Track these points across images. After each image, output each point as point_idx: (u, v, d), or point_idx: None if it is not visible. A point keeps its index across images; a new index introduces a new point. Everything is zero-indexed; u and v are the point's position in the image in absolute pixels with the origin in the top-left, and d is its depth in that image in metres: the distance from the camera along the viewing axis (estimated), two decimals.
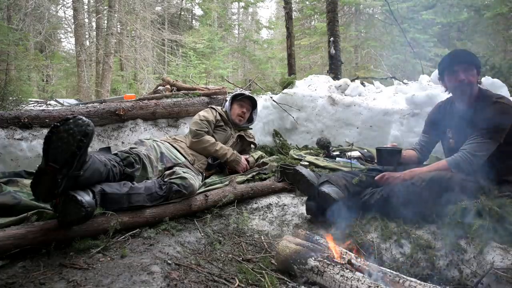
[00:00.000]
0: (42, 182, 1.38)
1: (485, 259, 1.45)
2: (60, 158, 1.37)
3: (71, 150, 1.38)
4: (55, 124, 1.39)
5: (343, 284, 1.29)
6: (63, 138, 1.37)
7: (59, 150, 1.37)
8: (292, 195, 2.27)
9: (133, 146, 2.06)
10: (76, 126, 1.39)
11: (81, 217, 1.38)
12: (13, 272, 1.23)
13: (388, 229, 1.73)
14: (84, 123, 1.41)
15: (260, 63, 17.41)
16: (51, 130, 1.38)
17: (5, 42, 5.56)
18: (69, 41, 16.59)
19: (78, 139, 1.38)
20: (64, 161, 1.37)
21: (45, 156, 1.37)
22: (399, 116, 3.28)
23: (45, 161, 1.37)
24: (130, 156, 1.87)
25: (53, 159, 1.36)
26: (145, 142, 2.16)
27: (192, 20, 19.96)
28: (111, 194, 1.59)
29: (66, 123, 1.39)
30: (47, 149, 1.37)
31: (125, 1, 11.68)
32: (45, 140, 1.38)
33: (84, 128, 1.40)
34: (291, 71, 6.75)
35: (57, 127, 1.38)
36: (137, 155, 1.92)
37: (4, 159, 2.30)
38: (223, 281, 1.39)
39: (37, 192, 1.42)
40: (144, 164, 1.93)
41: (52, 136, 1.37)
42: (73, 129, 1.38)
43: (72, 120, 1.40)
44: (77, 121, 1.40)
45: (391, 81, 5.10)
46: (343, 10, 12.90)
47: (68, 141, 1.37)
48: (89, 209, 1.38)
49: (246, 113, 2.83)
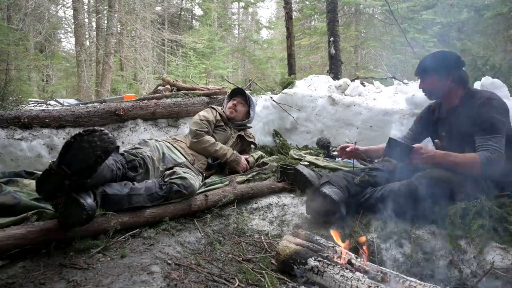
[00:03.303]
0: (49, 181, 1.38)
1: (485, 259, 1.45)
2: (75, 166, 1.36)
3: (87, 162, 1.38)
4: (80, 132, 1.38)
5: (343, 284, 1.29)
6: (84, 148, 1.37)
7: (76, 158, 1.36)
8: (292, 195, 2.27)
9: (137, 146, 2.04)
10: (100, 140, 1.39)
11: (82, 220, 1.38)
12: (13, 272, 1.23)
13: (388, 229, 1.73)
14: (109, 140, 1.41)
15: (260, 63, 17.41)
16: (75, 137, 1.37)
17: (5, 42, 5.56)
18: (69, 41, 16.61)
19: (97, 154, 1.38)
20: (77, 169, 1.37)
21: (60, 158, 1.37)
22: (399, 116, 3.28)
23: (59, 163, 1.36)
24: (135, 160, 1.85)
25: (67, 164, 1.36)
26: (149, 142, 2.15)
27: (192, 20, 19.96)
28: (112, 195, 1.59)
29: (91, 134, 1.38)
30: (64, 153, 1.36)
31: (125, 1, 11.69)
32: (65, 144, 1.37)
33: (107, 144, 1.40)
34: (291, 71, 6.75)
35: (82, 136, 1.37)
36: (143, 159, 1.91)
37: (4, 159, 2.30)
38: (223, 281, 1.39)
39: (40, 189, 1.42)
40: (147, 167, 1.93)
41: (74, 142, 1.37)
42: (96, 143, 1.38)
43: (98, 133, 1.39)
44: (102, 135, 1.40)
45: (391, 81, 5.10)
46: (343, 10, 12.90)
47: (88, 152, 1.37)
48: (91, 212, 1.38)
49: (238, 105, 2.82)
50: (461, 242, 1.54)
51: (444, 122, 1.99)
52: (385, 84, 4.56)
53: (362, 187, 1.96)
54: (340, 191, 1.88)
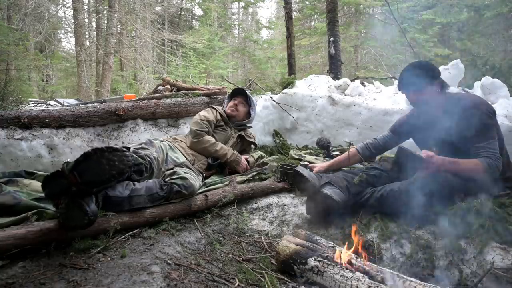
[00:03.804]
0: (57, 183, 1.39)
1: (485, 259, 1.45)
2: (87, 176, 1.37)
3: (100, 178, 1.39)
4: (103, 147, 1.39)
5: (343, 284, 1.29)
6: (101, 164, 1.37)
7: (90, 171, 1.37)
8: (292, 195, 2.27)
9: (145, 147, 2.02)
10: (119, 162, 1.40)
11: (83, 225, 1.38)
12: (13, 272, 1.23)
13: (388, 229, 1.73)
14: (128, 163, 1.42)
15: (260, 63, 17.41)
16: (95, 150, 1.38)
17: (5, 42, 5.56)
18: (69, 41, 16.60)
19: (113, 173, 1.39)
20: (87, 181, 1.38)
21: (75, 166, 1.37)
22: (399, 116, 3.26)
23: (72, 169, 1.37)
24: (142, 164, 1.81)
25: (79, 172, 1.36)
26: (154, 143, 2.13)
27: (192, 20, 19.96)
28: (114, 197, 1.59)
29: (113, 153, 1.39)
30: (81, 162, 1.37)
31: (125, 1, 11.69)
32: (84, 154, 1.38)
33: (124, 167, 1.41)
34: (291, 71, 6.75)
35: (103, 152, 1.38)
36: (150, 163, 1.87)
37: (4, 159, 2.30)
38: (223, 281, 1.39)
39: (46, 187, 1.42)
40: (152, 171, 1.91)
41: (93, 156, 1.37)
42: (115, 162, 1.39)
43: (119, 153, 1.40)
44: (122, 157, 1.41)
45: (391, 81, 5.10)
46: (343, 10, 12.90)
47: (104, 169, 1.37)
48: (92, 218, 1.39)
49: (239, 105, 2.83)
50: (461, 242, 1.54)
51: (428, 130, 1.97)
52: (385, 84, 4.56)
53: (362, 187, 1.96)
54: (341, 192, 1.89)
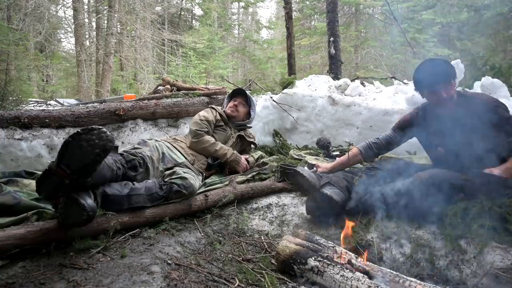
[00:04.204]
0: (49, 181, 1.38)
1: (485, 259, 1.45)
2: (73, 165, 1.36)
3: (86, 160, 1.37)
4: (78, 131, 1.38)
5: (343, 284, 1.29)
6: (82, 147, 1.36)
7: (75, 157, 1.36)
8: (292, 195, 2.27)
9: (137, 147, 2.04)
10: (98, 139, 1.38)
11: (82, 221, 1.38)
12: (13, 272, 1.23)
13: (388, 229, 1.73)
14: (107, 138, 1.40)
15: (260, 63, 17.41)
16: (73, 136, 1.37)
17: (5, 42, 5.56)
18: (69, 41, 16.60)
19: (96, 152, 1.38)
20: (76, 168, 1.36)
21: (59, 158, 1.36)
22: (399, 116, 3.27)
23: (58, 163, 1.36)
24: (135, 160, 1.85)
25: (66, 164, 1.35)
26: (148, 142, 2.15)
27: (192, 20, 19.96)
28: (112, 195, 1.59)
29: (89, 133, 1.38)
30: (63, 153, 1.36)
31: (125, 1, 11.68)
32: (63, 143, 1.37)
33: (105, 143, 1.39)
34: (291, 71, 6.75)
35: (79, 135, 1.37)
36: (142, 158, 1.90)
37: (4, 159, 2.30)
38: (223, 281, 1.39)
39: (40, 190, 1.42)
40: (147, 167, 1.93)
41: (72, 141, 1.36)
42: (94, 141, 1.37)
43: (96, 131, 1.39)
44: (100, 134, 1.39)
45: (391, 81, 5.10)
46: (343, 10, 12.91)
47: (86, 151, 1.36)
48: (91, 213, 1.38)
49: (239, 106, 2.82)
50: (461, 242, 1.54)
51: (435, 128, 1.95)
52: (385, 84, 4.56)
53: (362, 188, 1.96)
54: (341, 192, 1.89)
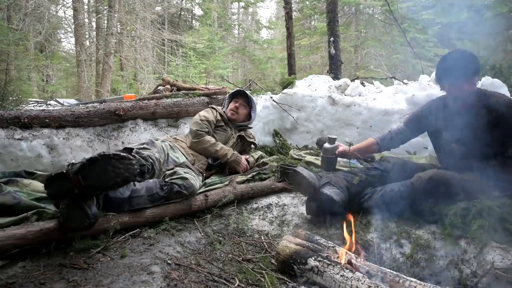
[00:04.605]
0: (60, 184, 1.38)
1: (485, 259, 1.45)
2: (91, 181, 1.36)
3: (105, 183, 1.38)
4: (110, 154, 1.38)
5: (343, 284, 1.29)
6: (107, 170, 1.37)
7: (95, 176, 1.36)
8: (292, 195, 2.27)
9: (146, 147, 1.99)
10: (125, 170, 1.39)
11: (84, 227, 1.38)
12: (13, 272, 1.23)
13: (388, 229, 1.73)
14: (133, 171, 1.41)
15: (260, 63, 17.41)
16: (102, 156, 1.37)
17: (5, 42, 5.56)
18: (69, 41, 16.59)
19: (117, 181, 1.38)
20: (92, 185, 1.37)
21: (79, 169, 1.36)
22: (399, 116, 3.28)
23: (76, 172, 1.36)
24: (145, 166, 1.78)
25: (83, 176, 1.36)
26: (156, 143, 2.11)
27: (192, 20, 19.96)
28: (114, 198, 1.60)
29: (119, 160, 1.38)
30: (86, 166, 1.36)
31: (125, 1, 11.68)
32: (90, 158, 1.37)
33: (129, 175, 1.40)
34: (291, 71, 6.75)
35: (109, 158, 1.37)
36: (152, 164, 1.84)
37: (4, 159, 2.30)
38: (223, 281, 1.39)
39: (48, 186, 1.41)
40: (154, 173, 1.89)
41: (100, 161, 1.36)
42: (121, 170, 1.38)
43: (126, 161, 1.39)
44: (128, 166, 1.39)
45: (391, 81, 5.10)
46: (343, 10, 12.90)
47: (109, 176, 1.37)
48: (93, 220, 1.39)
49: (240, 108, 2.80)
50: (461, 242, 1.54)
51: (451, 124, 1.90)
52: (385, 84, 4.56)
53: (362, 188, 1.96)
54: (341, 192, 1.89)
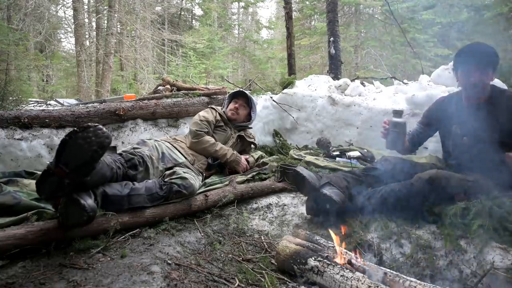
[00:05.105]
0: (48, 182, 1.38)
1: (485, 259, 1.45)
2: (72, 163, 1.36)
3: (84, 158, 1.37)
4: (74, 129, 1.38)
5: (343, 284, 1.29)
6: (80, 145, 1.36)
7: (73, 156, 1.36)
8: (292, 195, 2.27)
9: (136, 147, 2.05)
10: (95, 136, 1.38)
11: (82, 221, 1.38)
12: (13, 272, 1.23)
13: (388, 229, 1.73)
14: (104, 135, 1.40)
15: (260, 63, 17.40)
16: (69, 135, 1.37)
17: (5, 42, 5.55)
18: (69, 41, 16.59)
19: (94, 149, 1.38)
20: (74, 167, 1.36)
21: (57, 158, 1.36)
22: None
23: (56, 162, 1.36)
24: (134, 158, 1.86)
25: (64, 163, 1.35)
26: (147, 142, 2.15)
27: (192, 20, 19.96)
28: (112, 195, 1.59)
29: (85, 130, 1.37)
30: (61, 152, 1.36)
31: (125, 1, 11.68)
32: (61, 142, 1.37)
33: (103, 139, 1.39)
34: (291, 71, 6.74)
35: (76, 133, 1.37)
36: (141, 157, 1.91)
37: (4, 159, 2.30)
38: (223, 281, 1.39)
39: (40, 191, 1.41)
40: (147, 166, 1.93)
41: (69, 140, 1.36)
42: (91, 138, 1.37)
43: (92, 128, 1.39)
44: (97, 131, 1.39)
45: (391, 81, 5.10)
46: (343, 10, 12.90)
47: (83, 149, 1.36)
48: (91, 214, 1.38)
49: (240, 108, 2.79)
50: (461, 242, 1.54)
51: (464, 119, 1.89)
52: (385, 84, 4.56)
53: (362, 188, 1.96)
54: (341, 192, 1.88)
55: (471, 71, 1.78)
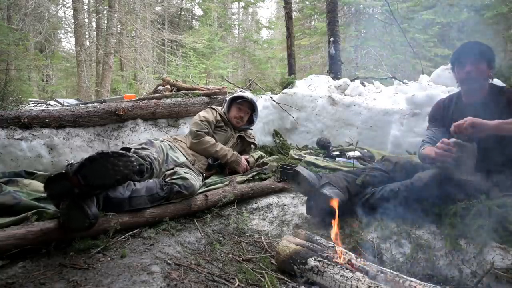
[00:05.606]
0: (60, 184, 1.38)
1: (485, 259, 1.45)
2: (90, 180, 1.36)
3: (104, 181, 1.38)
4: (108, 152, 1.38)
5: (343, 284, 1.28)
6: (106, 168, 1.37)
7: (95, 175, 1.37)
8: (292, 195, 2.27)
9: (145, 147, 2.02)
10: (124, 167, 1.39)
11: (84, 227, 1.38)
12: (13, 272, 1.23)
13: (388, 229, 1.73)
14: (132, 168, 1.41)
15: (260, 63, 17.41)
16: (101, 155, 1.37)
17: (5, 42, 5.56)
18: (69, 41, 16.60)
19: (117, 178, 1.39)
20: (91, 184, 1.37)
21: (79, 168, 1.36)
22: (399, 116, 3.28)
23: (75, 171, 1.36)
24: (143, 165, 1.81)
25: (83, 175, 1.36)
26: (155, 143, 2.13)
27: (192, 20, 19.96)
28: (114, 198, 1.60)
29: (118, 158, 1.39)
30: (85, 165, 1.36)
31: (125, 1, 11.68)
32: (88, 158, 1.37)
33: (128, 172, 1.40)
34: (291, 71, 6.75)
35: (108, 157, 1.37)
36: (150, 164, 1.87)
37: (4, 159, 2.30)
38: (223, 281, 1.39)
39: (48, 186, 1.41)
40: (152, 172, 1.91)
41: (99, 160, 1.37)
42: (120, 168, 1.38)
43: (125, 158, 1.40)
44: (127, 163, 1.40)
45: (391, 81, 5.10)
46: (343, 10, 12.89)
47: (109, 174, 1.37)
48: (93, 221, 1.39)
49: (244, 116, 2.79)
50: (461, 242, 1.54)
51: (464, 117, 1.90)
52: (385, 84, 4.56)
53: (362, 188, 1.95)
54: (341, 192, 1.88)
55: (465, 64, 1.86)
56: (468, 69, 1.84)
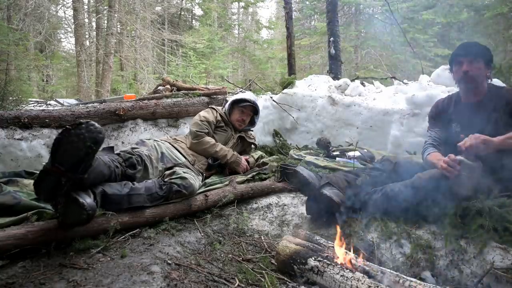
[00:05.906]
0: (46, 182, 1.37)
1: (485, 259, 1.45)
2: (67, 161, 1.36)
3: (79, 155, 1.37)
4: (66, 127, 1.38)
5: (343, 284, 1.29)
6: (73, 142, 1.36)
7: (67, 154, 1.36)
8: (292, 195, 2.27)
9: (134, 147, 2.05)
10: (87, 132, 1.38)
11: (82, 220, 1.38)
12: (13, 272, 1.23)
13: (388, 229, 1.73)
14: (96, 130, 1.40)
15: (260, 63, 17.40)
16: (62, 133, 1.37)
17: (5, 42, 5.56)
18: (69, 41, 16.57)
19: (87, 145, 1.37)
20: (70, 165, 1.36)
21: (53, 157, 1.36)
22: (399, 116, 3.28)
23: (52, 162, 1.36)
24: (132, 157, 1.86)
25: (60, 162, 1.35)
26: (146, 142, 2.16)
27: (192, 20, 19.95)
28: (112, 195, 1.59)
29: (78, 127, 1.38)
30: (56, 151, 1.36)
31: (125, 1, 11.68)
32: (54, 141, 1.37)
33: (95, 134, 1.39)
34: (291, 71, 6.74)
35: (69, 131, 1.37)
36: (139, 156, 1.91)
37: (4, 159, 2.30)
38: (223, 281, 1.39)
39: (39, 191, 1.41)
40: (145, 165, 1.93)
41: (63, 138, 1.36)
42: (84, 135, 1.37)
43: (84, 125, 1.39)
44: (89, 127, 1.39)
45: (391, 81, 5.10)
46: (343, 10, 12.89)
47: (77, 146, 1.36)
48: (91, 212, 1.38)
49: (247, 119, 2.80)
50: (461, 242, 1.54)
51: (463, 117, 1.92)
52: (385, 84, 4.56)
53: (362, 188, 1.95)
54: (340, 192, 1.88)
55: (462, 64, 1.87)
56: (465, 69, 1.85)
